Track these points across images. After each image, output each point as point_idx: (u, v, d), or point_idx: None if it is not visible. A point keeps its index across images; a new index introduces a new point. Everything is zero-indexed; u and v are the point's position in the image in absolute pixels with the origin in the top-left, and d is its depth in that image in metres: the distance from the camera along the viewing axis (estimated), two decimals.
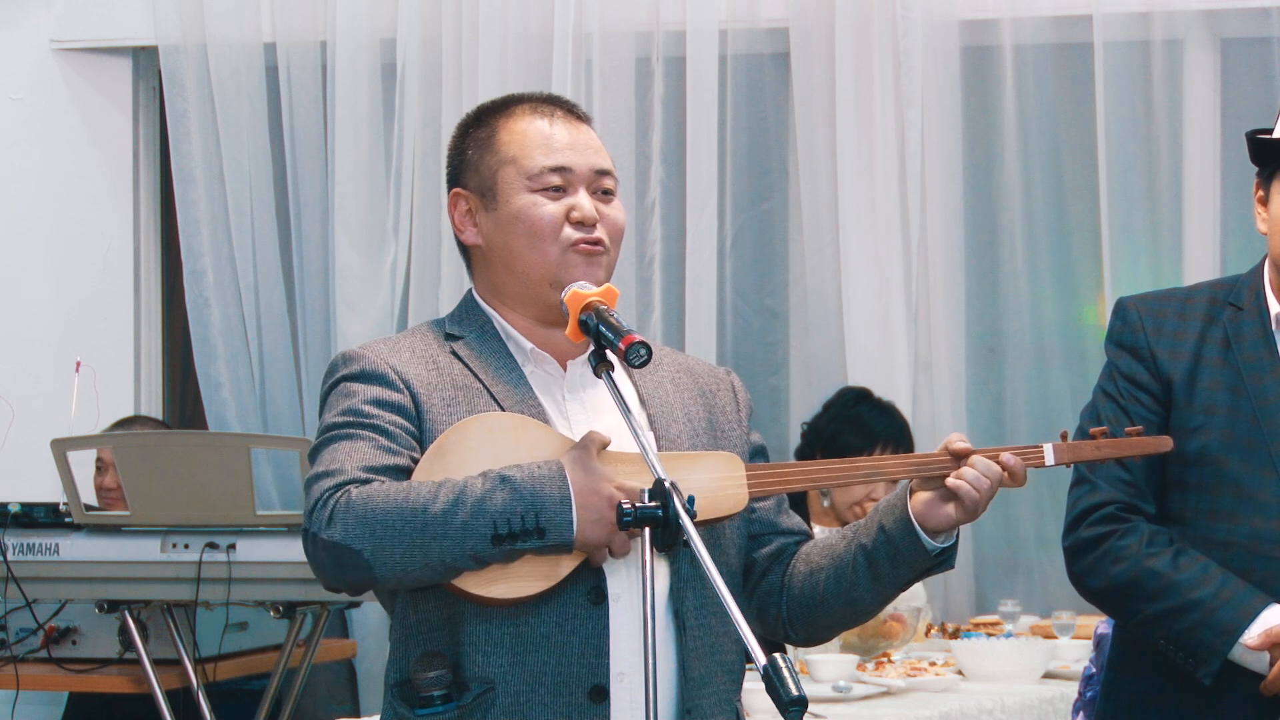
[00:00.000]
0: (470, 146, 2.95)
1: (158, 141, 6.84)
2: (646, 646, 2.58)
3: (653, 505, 2.60)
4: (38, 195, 6.73)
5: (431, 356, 2.87)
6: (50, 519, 5.11)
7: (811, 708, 4.19)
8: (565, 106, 2.96)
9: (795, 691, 2.42)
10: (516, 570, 2.71)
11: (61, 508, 5.11)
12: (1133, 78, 6.04)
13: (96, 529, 5.06)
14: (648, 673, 2.58)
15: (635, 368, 2.74)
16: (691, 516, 2.58)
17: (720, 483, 2.83)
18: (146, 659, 5.13)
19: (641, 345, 2.69)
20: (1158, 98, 6.04)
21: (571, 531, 2.68)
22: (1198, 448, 3.33)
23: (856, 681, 4.71)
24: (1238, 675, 3.29)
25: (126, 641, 5.18)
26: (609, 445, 2.74)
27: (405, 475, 2.75)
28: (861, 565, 2.88)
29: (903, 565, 2.87)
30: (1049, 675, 4.93)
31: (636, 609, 2.74)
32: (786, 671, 2.43)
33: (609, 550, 2.71)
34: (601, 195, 2.91)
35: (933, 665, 4.95)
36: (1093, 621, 4.70)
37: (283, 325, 6.55)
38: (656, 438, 2.86)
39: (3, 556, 5.02)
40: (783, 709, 2.42)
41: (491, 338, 2.91)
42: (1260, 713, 3.29)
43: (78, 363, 5.78)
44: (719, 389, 3.02)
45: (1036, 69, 6.13)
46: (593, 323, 2.74)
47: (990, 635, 5.35)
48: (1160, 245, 6.07)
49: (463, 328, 2.93)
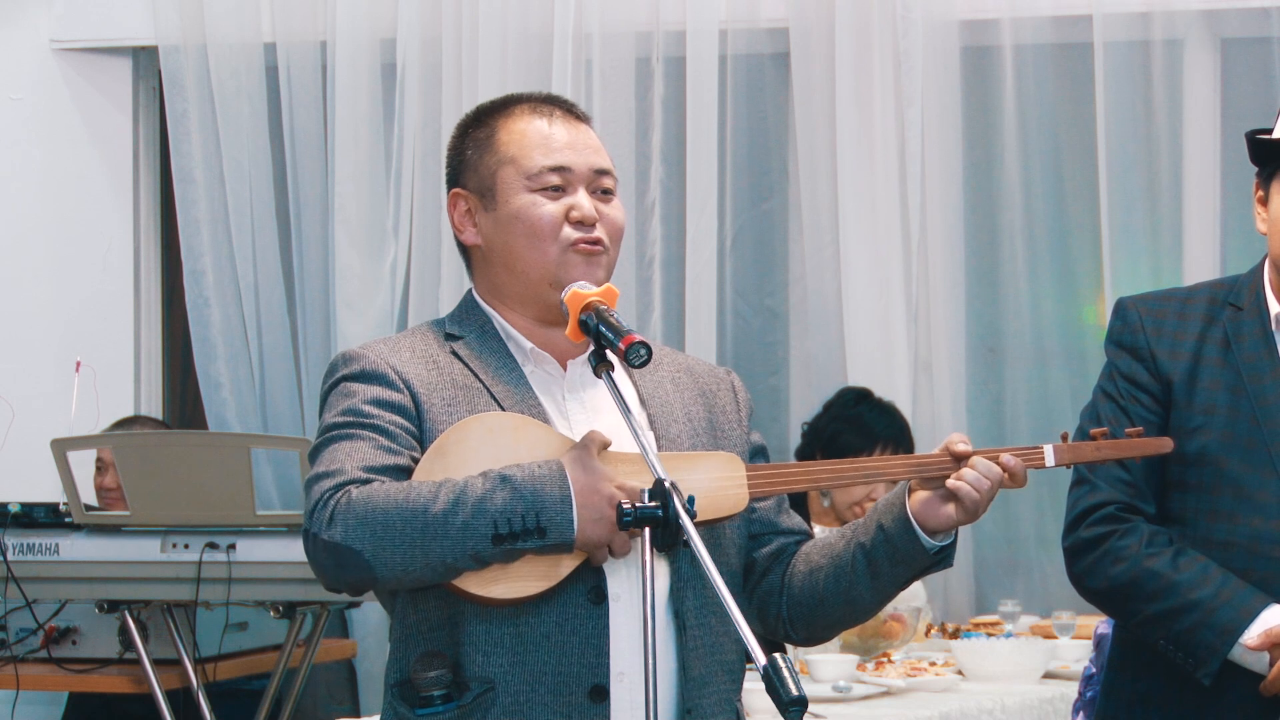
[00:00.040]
0: (469, 146, 2.95)
1: (158, 141, 6.84)
2: (646, 646, 2.58)
3: (653, 505, 2.60)
4: (38, 195, 6.73)
5: (432, 356, 2.87)
6: (50, 519, 5.11)
7: (811, 708, 4.19)
8: (564, 106, 2.96)
9: (795, 691, 2.42)
10: (517, 570, 2.71)
11: (61, 508, 5.11)
12: (1133, 78, 6.04)
13: (96, 529, 5.06)
14: (648, 673, 2.58)
15: (635, 368, 2.73)
16: (691, 516, 2.58)
17: (720, 483, 2.83)
18: (146, 659, 5.13)
19: (641, 345, 2.69)
20: (1158, 98, 6.04)
21: (572, 531, 2.68)
22: (1197, 448, 3.33)
23: (856, 681, 4.70)
24: (1237, 675, 3.29)
25: (126, 641, 5.18)
26: (610, 446, 2.74)
27: (405, 475, 2.75)
28: (861, 564, 2.89)
29: (902, 564, 2.87)
30: (1049, 675, 4.92)
31: (636, 609, 2.74)
32: (786, 671, 2.43)
33: (609, 550, 2.71)
34: (601, 195, 2.91)
35: (933, 665, 4.95)
36: (1093, 621, 4.70)
37: (283, 325, 6.55)
38: (656, 438, 2.86)
39: (3, 556, 5.02)
40: (783, 709, 2.42)
41: (491, 338, 2.91)
42: (1260, 713, 3.29)
43: (78, 363, 5.78)
44: (719, 389, 3.01)
45: (1036, 69, 6.13)
46: (593, 323, 2.74)
47: (990, 635, 5.34)
48: (1160, 245, 6.07)
49: (463, 328, 2.93)
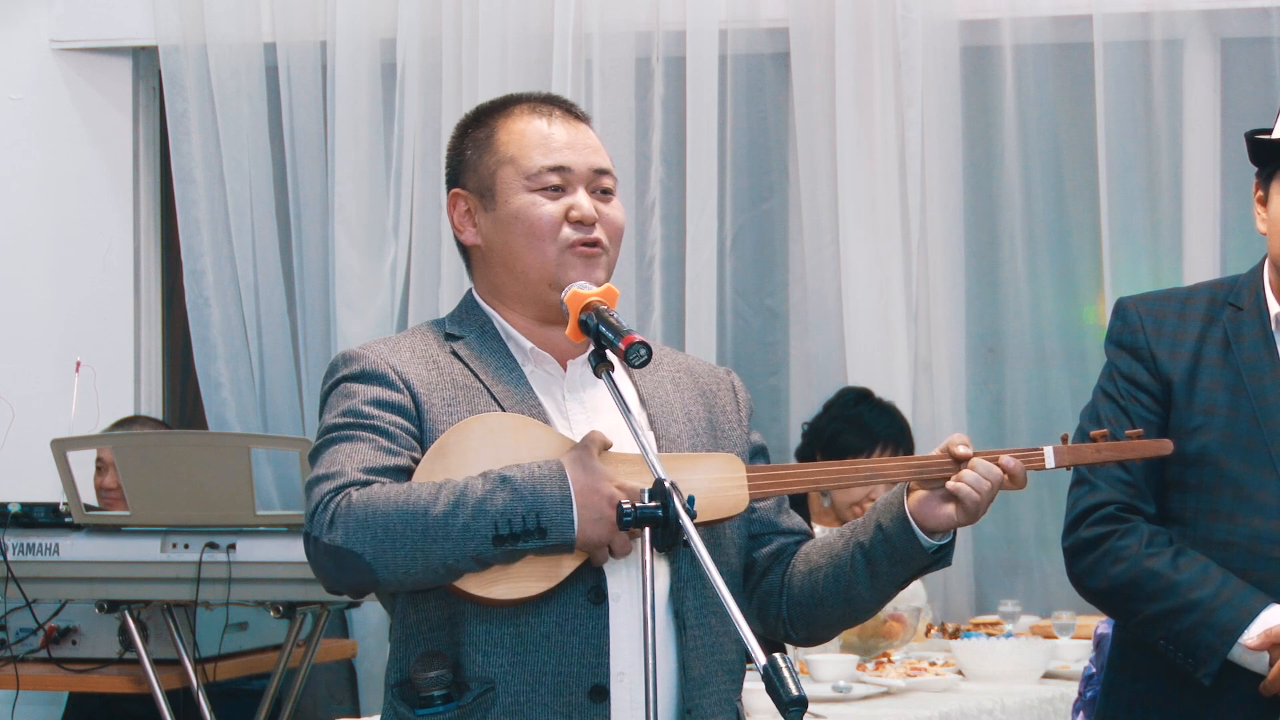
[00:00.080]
0: (469, 147, 2.95)
1: (158, 141, 6.84)
2: (646, 646, 2.58)
3: (653, 505, 2.60)
4: (38, 195, 6.73)
5: (432, 356, 2.87)
6: (50, 519, 5.11)
7: (811, 708, 4.19)
8: (564, 106, 2.96)
9: (795, 691, 2.42)
10: (517, 571, 2.71)
11: (61, 508, 5.11)
12: (1133, 78, 6.04)
13: (96, 529, 5.06)
14: (648, 672, 2.58)
15: (635, 368, 2.73)
16: (691, 516, 2.58)
17: (720, 484, 2.83)
18: (146, 659, 5.13)
19: (641, 345, 2.68)
20: (1158, 98, 6.04)
21: (572, 531, 2.68)
22: (1197, 448, 3.33)
23: (856, 681, 4.70)
24: (1237, 675, 3.29)
25: (126, 641, 5.18)
26: (611, 447, 2.74)
27: (406, 476, 2.75)
28: (860, 563, 2.89)
29: (900, 563, 2.88)
30: (1049, 675, 4.92)
31: (637, 609, 2.74)
32: (786, 671, 2.43)
33: (610, 550, 2.71)
34: (600, 195, 2.91)
35: (933, 665, 4.95)
36: (1093, 621, 4.70)
37: (283, 325, 6.55)
38: (656, 437, 2.86)
39: (3, 556, 5.02)
40: (783, 709, 2.42)
41: (491, 338, 2.91)
42: (1260, 713, 3.29)
43: (78, 363, 5.78)
44: (719, 389, 3.01)
45: (1036, 69, 6.13)
46: (593, 323, 2.74)
47: (990, 635, 5.34)
48: (1160, 245, 6.07)
49: (463, 328, 2.92)
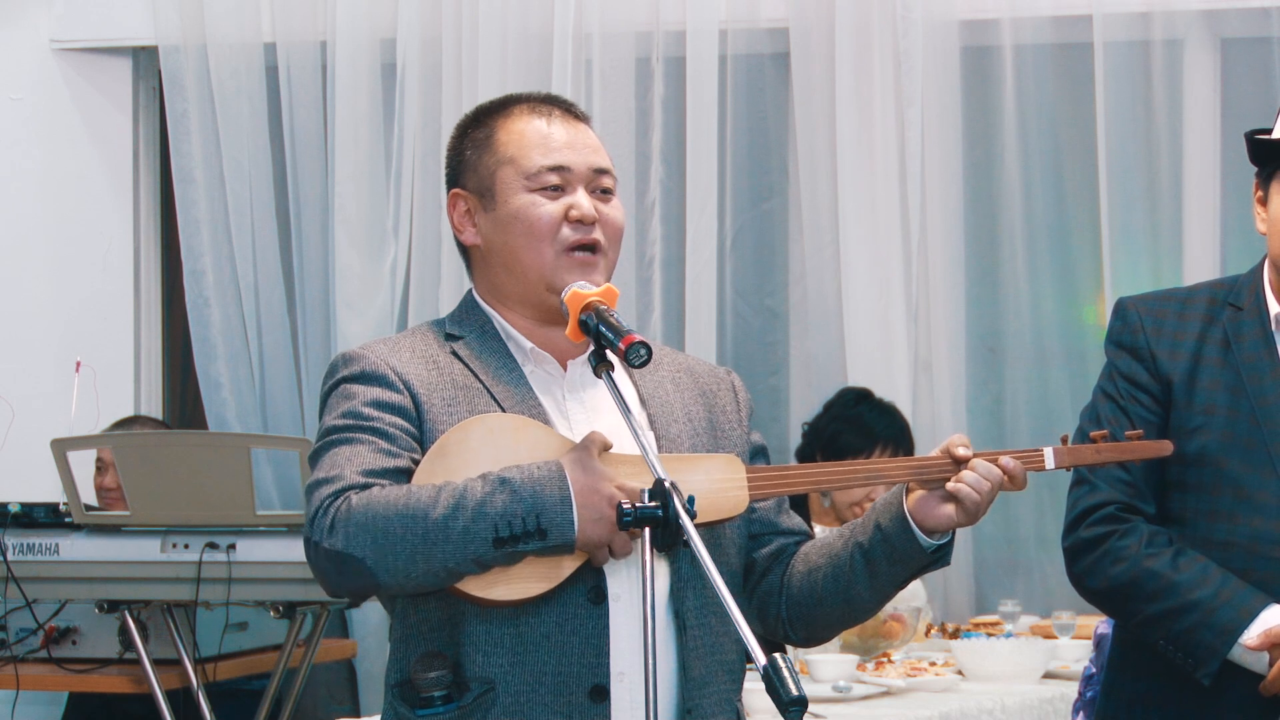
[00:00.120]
0: (469, 147, 2.95)
1: (158, 141, 6.84)
2: (646, 646, 2.58)
3: (653, 505, 2.60)
4: (38, 195, 6.73)
5: (432, 357, 2.87)
6: (50, 519, 5.11)
7: (811, 708, 4.19)
8: (563, 106, 2.96)
9: (795, 691, 2.42)
10: (518, 572, 2.71)
11: (61, 508, 5.11)
12: (1133, 78, 6.04)
13: (96, 529, 5.06)
14: (648, 673, 2.58)
15: (635, 368, 2.73)
16: (691, 516, 2.58)
17: (721, 484, 2.83)
18: (146, 659, 5.13)
19: (641, 345, 2.68)
20: (1158, 98, 6.04)
21: (573, 531, 2.68)
22: (1197, 448, 3.33)
23: (856, 681, 4.70)
24: (1237, 675, 3.29)
25: (126, 641, 5.18)
26: (611, 447, 2.74)
27: (406, 477, 2.75)
28: (859, 563, 2.89)
29: (899, 563, 2.88)
30: (1049, 675, 4.92)
31: (637, 609, 2.74)
32: (786, 671, 2.43)
33: (610, 550, 2.71)
34: (600, 194, 2.91)
35: (933, 665, 4.95)
36: (1093, 621, 4.70)
37: (283, 325, 6.55)
38: (656, 438, 2.86)
39: (3, 556, 5.02)
40: (783, 709, 2.42)
41: (491, 338, 2.91)
42: (1260, 713, 3.29)
43: (78, 363, 5.77)
44: (719, 389, 3.01)
45: (1036, 69, 6.13)
46: (593, 323, 2.74)
47: (990, 635, 5.34)
48: (1160, 245, 6.07)
49: (463, 328, 2.92)
